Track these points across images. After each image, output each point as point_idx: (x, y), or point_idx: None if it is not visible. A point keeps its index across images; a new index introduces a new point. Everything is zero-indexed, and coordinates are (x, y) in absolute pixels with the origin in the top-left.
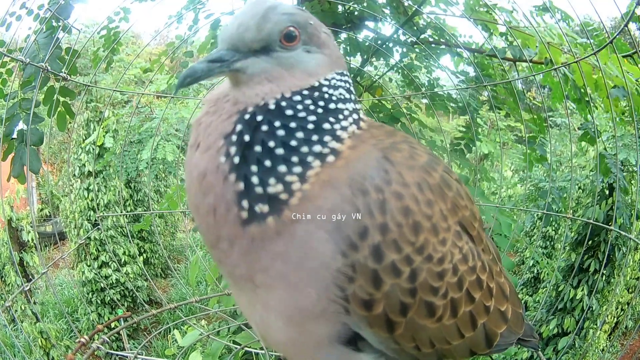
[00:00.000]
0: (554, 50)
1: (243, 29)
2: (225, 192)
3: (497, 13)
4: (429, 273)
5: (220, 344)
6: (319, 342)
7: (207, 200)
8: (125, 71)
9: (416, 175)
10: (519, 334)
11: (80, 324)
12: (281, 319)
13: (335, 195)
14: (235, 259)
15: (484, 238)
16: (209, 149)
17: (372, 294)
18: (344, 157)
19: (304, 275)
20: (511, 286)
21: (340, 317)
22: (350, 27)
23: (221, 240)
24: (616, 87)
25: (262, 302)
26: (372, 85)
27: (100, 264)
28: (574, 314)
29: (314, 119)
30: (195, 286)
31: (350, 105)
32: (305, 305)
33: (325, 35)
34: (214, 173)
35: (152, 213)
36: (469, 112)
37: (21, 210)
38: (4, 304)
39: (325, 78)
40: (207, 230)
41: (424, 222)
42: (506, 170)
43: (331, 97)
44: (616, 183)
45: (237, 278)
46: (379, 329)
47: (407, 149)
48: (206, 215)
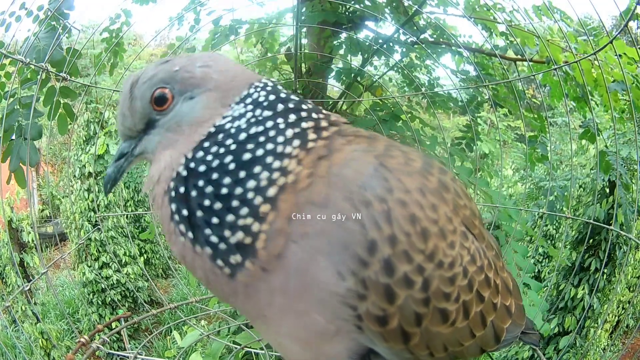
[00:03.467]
0: (554, 49)
1: (122, 118)
2: (204, 263)
3: (497, 13)
4: (441, 279)
5: (220, 344)
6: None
7: (199, 275)
8: (125, 72)
9: (416, 180)
10: (522, 327)
11: (82, 324)
12: (297, 343)
13: (328, 212)
14: (243, 305)
15: (486, 235)
16: (170, 235)
17: (385, 309)
18: (314, 171)
19: (306, 304)
20: (513, 280)
21: (353, 334)
22: (351, 26)
23: (227, 296)
24: (615, 82)
25: (276, 331)
26: (372, 85)
27: (101, 265)
28: (575, 313)
29: (231, 159)
30: (196, 286)
31: (283, 118)
32: (316, 329)
33: (201, 69)
34: (189, 254)
35: (152, 213)
36: (469, 112)
37: (22, 211)
38: (4, 304)
39: (223, 116)
40: (215, 292)
41: (431, 227)
42: (507, 169)
43: (240, 128)
44: (617, 180)
45: (253, 317)
46: (394, 343)
47: (400, 155)
48: (207, 284)
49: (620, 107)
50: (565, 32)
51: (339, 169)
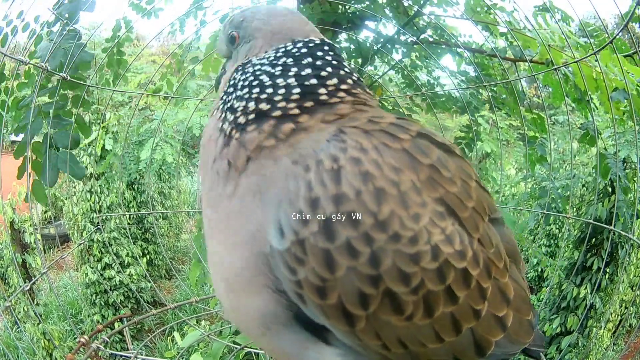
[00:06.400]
0: (555, 53)
1: (220, 45)
2: (215, 126)
3: (498, 13)
4: (398, 256)
5: (221, 345)
6: (254, 319)
7: (205, 138)
8: (124, 72)
9: (375, 139)
10: (524, 344)
11: (84, 325)
12: (223, 281)
13: (279, 168)
14: (209, 183)
15: (482, 226)
16: (213, 113)
17: (325, 279)
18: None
19: (238, 236)
20: (522, 291)
21: (274, 298)
22: (351, 27)
23: (208, 170)
24: (617, 90)
25: (212, 250)
26: (372, 84)
27: (104, 266)
28: (577, 312)
29: (244, 77)
30: (199, 287)
31: (297, 68)
32: (237, 269)
33: (258, 21)
34: (213, 128)
35: (153, 213)
36: (469, 113)
37: (24, 212)
38: (4, 304)
39: (257, 57)
40: (202, 163)
41: (389, 189)
42: (509, 168)
43: (261, 63)
44: (617, 183)
45: (205, 212)
46: (337, 322)
47: (365, 117)
48: (204, 156)
49: (621, 111)
50: (565, 32)
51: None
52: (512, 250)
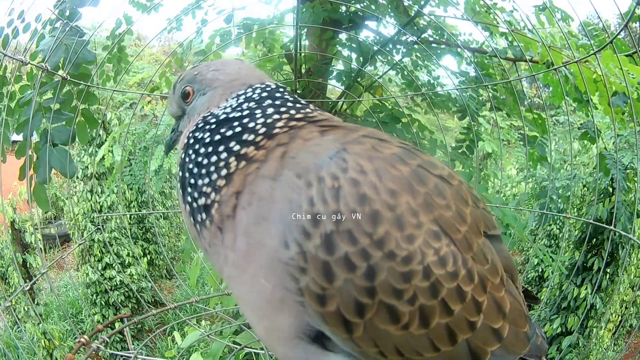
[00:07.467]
0: (555, 54)
1: (170, 105)
2: (187, 219)
3: (498, 14)
4: (391, 273)
5: (221, 345)
6: (284, 335)
7: (191, 233)
8: (124, 72)
9: (376, 164)
10: (519, 354)
11: (85, 325)
12: (249, 309)
13: (279, 185)
14: (214, 264)
15: (476, 245)
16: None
17: (325, 288)
18: (270, 155)
19: (255, 268)
20: (517, 304)
21: (299, 310)
22: (352, 26)
23: (205, 254)
24: (617, 94)
25: (237, 295)
26: (372, 84)
27: (105, 266)
28: (577, 312)
29: (208, 135)
30: (200, 287)
31: (261, 110)
32: (265, 295)
33: (214, 72)
34: (183, 211)
35: (154, 213)
36: (469, 113)
37: (25, 212)
38: (5, 304)
39: (218, 106)
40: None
41: (384, 212)
42: (511, 168)
43: (224, 113)
44: (616, 183)
45: (224, 277)
46: (336, 329)
47: (370, 142)
48: (193, 240)
49: (621, 111)
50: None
51: (295, 152)
52: (508, 265)
